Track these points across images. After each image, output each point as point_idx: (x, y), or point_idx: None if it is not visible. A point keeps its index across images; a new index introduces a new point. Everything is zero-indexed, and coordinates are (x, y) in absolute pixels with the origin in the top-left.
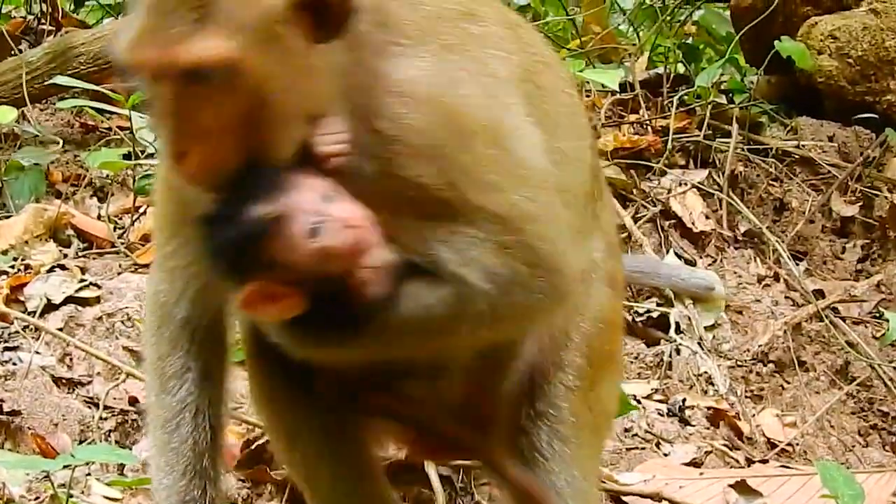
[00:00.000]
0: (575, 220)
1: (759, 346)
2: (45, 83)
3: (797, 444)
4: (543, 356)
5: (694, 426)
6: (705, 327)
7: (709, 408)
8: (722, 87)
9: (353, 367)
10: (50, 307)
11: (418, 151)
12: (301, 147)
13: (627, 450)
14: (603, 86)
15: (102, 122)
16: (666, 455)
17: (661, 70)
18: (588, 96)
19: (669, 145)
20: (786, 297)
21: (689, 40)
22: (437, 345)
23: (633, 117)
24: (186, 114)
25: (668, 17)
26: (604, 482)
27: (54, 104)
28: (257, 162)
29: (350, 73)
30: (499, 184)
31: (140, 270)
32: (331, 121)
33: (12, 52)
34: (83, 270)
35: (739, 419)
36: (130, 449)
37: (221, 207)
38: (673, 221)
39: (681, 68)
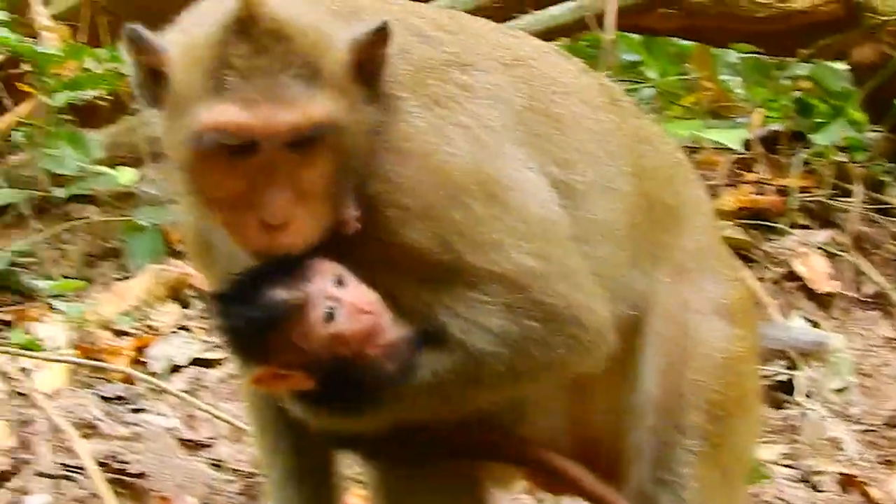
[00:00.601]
0: (613, 255)
1: (890, 409)
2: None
3: None
4: (660, 418)
5: (824, 492)
6: (833, 391)
7: (839, 473)
8: (840, 145)
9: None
10: (174, 369)
11: (411, 213)
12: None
13: None
14: (717, 143)
15: None
16: None
17: (775, 127)
18: (698, 153)
19: (792, 205)
20: None
21: (799, 94)
22: (458, 407)
23: (751, 176)
24: (285, 181)
25: (780, 72)
26: None
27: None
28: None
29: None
30: (497, 242)
31: None
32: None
33: (130, 112)
34: (205, 332)
35: (871, 485)
36: None
37: (238, 286)
38: (797, 283)
39: (794, 124)
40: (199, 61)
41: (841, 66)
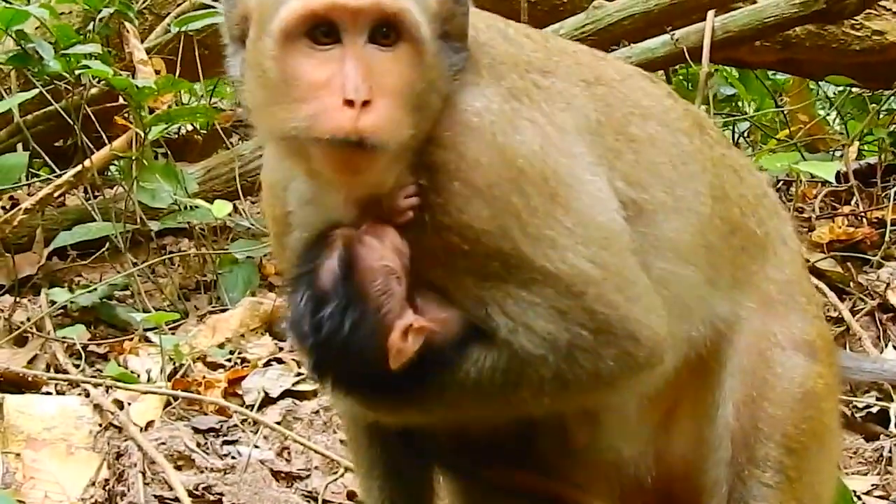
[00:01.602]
0: (684, 273)
1: None
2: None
3: None
4: (735, 451)
5: None
6: None
7: None
8: None
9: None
10: (267, 401)
11: (473, 188)
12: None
13: None
14: (812, 176)
15: None
16: None
17: (871, 160)
18: (793, 186)
19: (886, 237)
20: None
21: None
22: (503, 408)
23: (846, 209)
24: (368, 68)
25: (877, 105)
26: None
27: None
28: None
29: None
30: (554, 240)
31: None
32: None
33: (224, 146)
34: (299, 364)
35: None
36: None
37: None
38: (891, 314)
39: (889, 157)
40: None
41: None
